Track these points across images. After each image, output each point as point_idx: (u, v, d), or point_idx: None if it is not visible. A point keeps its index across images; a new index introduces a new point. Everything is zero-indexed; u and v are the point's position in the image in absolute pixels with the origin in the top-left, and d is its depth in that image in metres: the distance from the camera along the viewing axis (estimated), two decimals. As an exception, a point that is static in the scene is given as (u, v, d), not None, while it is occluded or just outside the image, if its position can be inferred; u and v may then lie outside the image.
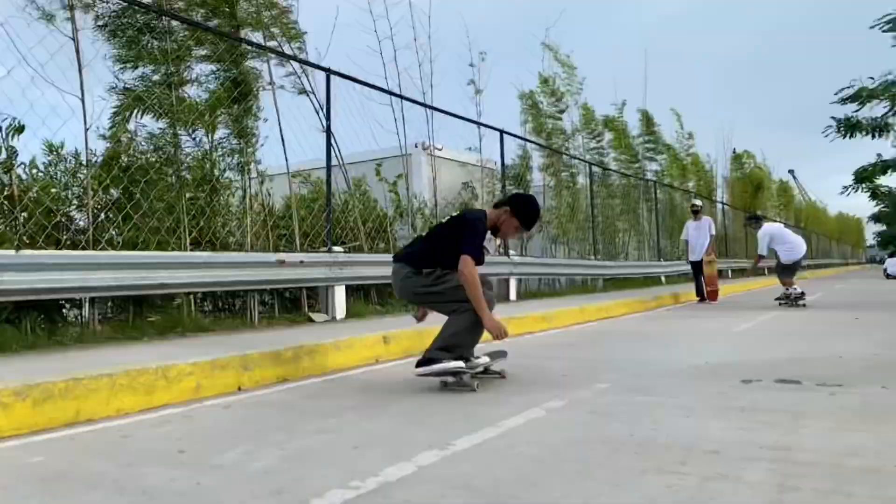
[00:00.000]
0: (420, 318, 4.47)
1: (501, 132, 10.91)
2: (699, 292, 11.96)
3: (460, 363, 3.84)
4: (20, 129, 5.15)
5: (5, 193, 5.05)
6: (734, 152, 28.22)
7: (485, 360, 4.11)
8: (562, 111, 14.22)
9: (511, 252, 10.73)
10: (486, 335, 4.03)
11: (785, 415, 3.00)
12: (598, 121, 16.02)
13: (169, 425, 3.13)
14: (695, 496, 1.96)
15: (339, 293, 7.39)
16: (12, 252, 4.72)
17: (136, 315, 5.88)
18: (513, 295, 10.46)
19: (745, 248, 26.06)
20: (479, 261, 3.97)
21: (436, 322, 4.17)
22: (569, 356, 5.23)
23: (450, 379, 3.89)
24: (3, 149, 5.10)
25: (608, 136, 16.74)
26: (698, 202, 13.09)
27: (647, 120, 18.66)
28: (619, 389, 3.72)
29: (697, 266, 11.92)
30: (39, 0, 5.28)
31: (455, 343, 3.90)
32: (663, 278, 17.13)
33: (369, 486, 2.10)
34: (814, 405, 3.20)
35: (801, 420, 2.90)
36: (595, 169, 15.11)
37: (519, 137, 12.14)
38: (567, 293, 12.60)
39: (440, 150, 10.34)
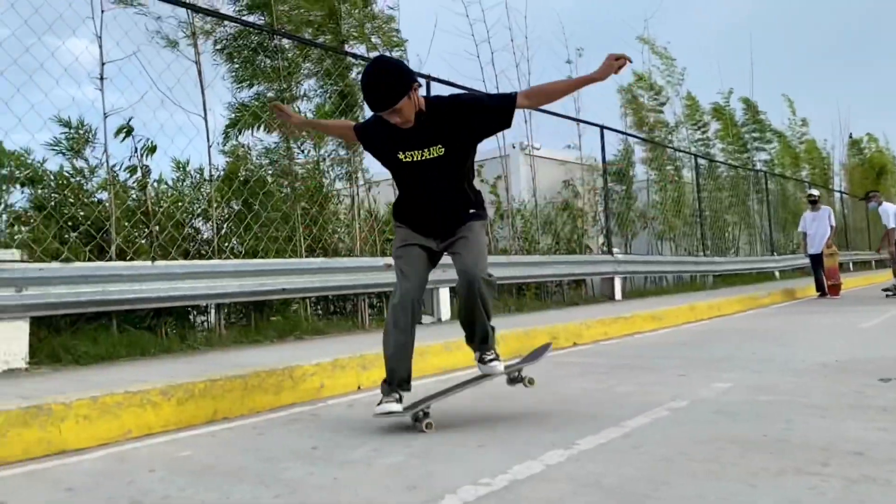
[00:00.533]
0: None
1: (602, 127, 10.73)
2: (819, 286, 11.29)
3: (392, 406, 2.93)
4: (152, 149, 5.59)
5: (142, 209, 5.48)
6: (850, 137, 26.36)
7: (493, 367, 3.13)
8: (662, 104, 13.81)
9: (615, 250, 10.53)
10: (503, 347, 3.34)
11: (933, 415, 2.80)
12: (703, 111, 15.44)
13: (298, 423, 3.31)
14: (842, 498, 1.87)
15: (444, 295, 7.51)
16: (149, 263, 5.13)
17: (257, 319, 6.22)
18: (618, 294, 10.25)
19: (867, 239, 24.30)
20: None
21: (526, 324, 4.03)
22: (683, 355, 5.09)
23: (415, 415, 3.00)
24: (139, 168, 5.55)
25: (714, 126, 16.10)
26: (815, 192, 12.37)
27: (752, 109, 17.77)
28: (743, 389, 3.59)
29: (817, 259, 11.27)
30: (165, 29, 5.70)
31: (388, 368, 3.05)
32: (777, 273, 16.26)
33: (499, 483, 2.14)
34: (965, 405, 2.97)
35: (953, 421, 2.70)
36: (701, 161, 14.56)
37: (619, 132, 11.89)
38: (674, 291, 12.21)
39: (538, 149, 10.30)
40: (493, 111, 3.02)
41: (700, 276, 13.48)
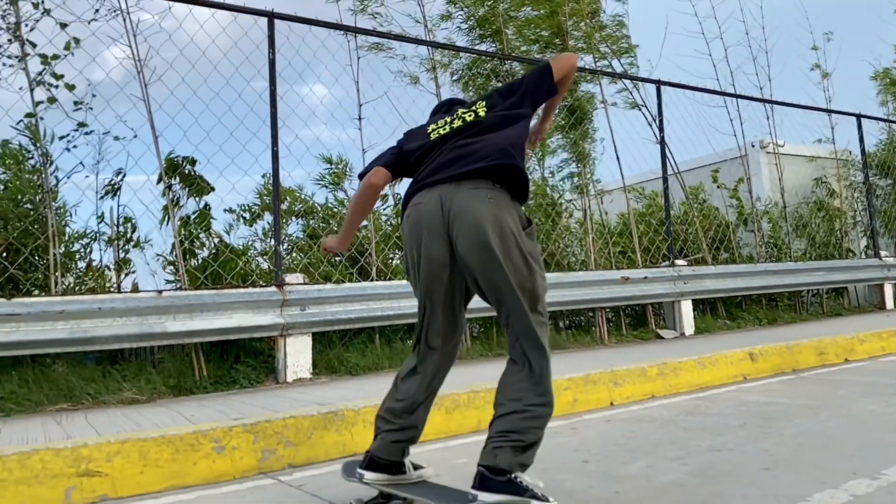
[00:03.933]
0: None
1: (858, 116, 9.57)
2: None
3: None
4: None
5: (396, 233, 5.98)
6: None
7: (426, 471, 2.45)
8: (933, 81, 11.93)
9: (883, 253, 9.28)
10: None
11: None
12: None
13: (560, 436, 3.36)
14: None
15: (686, 308, 7.18)
16: (404, 282, 5.55)
17: (499, 334, 6.44)
18: (889, 303, 9.02)
19: None
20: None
21: (785, 338, 3.69)
22: None
23: None
24: (391, 196, 6.09)
25: None
26: None
27: None
28: None
29: None
30: (409, 67, 6.21)
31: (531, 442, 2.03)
32: None
33: (802, 509, 2.00)
34: None
35: None
36: None
37: (881, 120, 10.50)
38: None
39: (781, 146, 9.45)
40: None
41: None
